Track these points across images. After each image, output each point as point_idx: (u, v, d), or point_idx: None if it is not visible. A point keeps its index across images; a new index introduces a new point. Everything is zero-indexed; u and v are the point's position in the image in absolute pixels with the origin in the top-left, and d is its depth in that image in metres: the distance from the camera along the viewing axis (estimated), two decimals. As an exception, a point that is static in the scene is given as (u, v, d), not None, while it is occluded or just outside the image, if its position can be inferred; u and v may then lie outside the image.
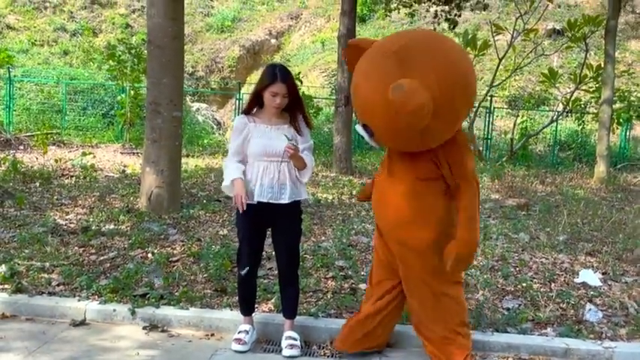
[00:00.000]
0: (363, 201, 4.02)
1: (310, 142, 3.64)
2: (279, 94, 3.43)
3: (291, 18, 30.80)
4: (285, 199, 3.49)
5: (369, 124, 3.13)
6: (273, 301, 4.24)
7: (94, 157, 10.66)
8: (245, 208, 3.40)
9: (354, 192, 8.72)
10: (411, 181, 3.24)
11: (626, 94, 14.89)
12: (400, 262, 3.40)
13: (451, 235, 3.21)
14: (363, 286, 4.47)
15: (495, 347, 3.83)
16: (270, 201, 3.47)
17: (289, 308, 3.73)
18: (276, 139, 3.46)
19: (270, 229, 3.69)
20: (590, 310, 4.41)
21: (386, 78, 2.88)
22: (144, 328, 3.98)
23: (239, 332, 3.73)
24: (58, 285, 4.45)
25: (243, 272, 3.66)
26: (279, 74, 3.44)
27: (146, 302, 4.14)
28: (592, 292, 4.81)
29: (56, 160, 9.70)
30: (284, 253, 3.65)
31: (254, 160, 3.51)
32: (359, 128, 3.20)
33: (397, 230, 3.33)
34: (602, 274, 5.28)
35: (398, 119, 2.83)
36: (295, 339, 3.67)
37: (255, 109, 3.57)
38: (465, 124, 14.83)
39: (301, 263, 5.04)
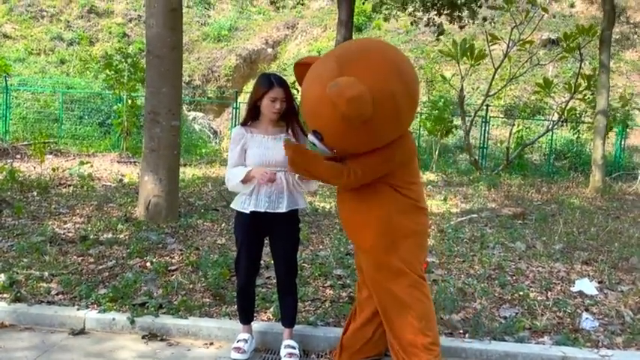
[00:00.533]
0: None
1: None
2: (278, 98, 3.46)
3: (288, 27, 30.91)
4: (282, 209, 3.49)
5: (317, 127, 3.14)
6: (272, 309, 4.26)
7: (91, 166, 10.67)
8: (275, 178, 3.41)
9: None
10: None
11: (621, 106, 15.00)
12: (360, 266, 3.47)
13: (396, 233, 3.24)
14: (361, 294, 4.49)
15: (493, 356, 3.85)
16: (268, 210, 3.49)
17: (288, 317, 3.74)
18: (273, 148, 3.49)
19: (268, 238, 3.71)
20: (586, 318, 4.44)
21: (327, 80, 2.94)
22: (143, 337, 3.99)
23: (238, 341, 3.74)
24: (57, 294, 4.46)
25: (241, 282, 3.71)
26: (275, 80, 3.49)
27: (145, 311, 4.16)
28: (588, 301, 4.84)
29: (53, 169, 9.71)
30: (282, 262, 3.66)
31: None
32: (310, 137, 3.21)
33: (348, 233, 3.47)
34: (599, 282, 5.31)
35: (339, 113, 2.87)
36: (294, 347, 3.68)
37: (250, 122, 3.58)
38: (460, 132, 14.93)
39: (299, 272, 5.06)
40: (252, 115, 3.56)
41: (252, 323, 3.86)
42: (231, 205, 3.64)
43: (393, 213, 3.25)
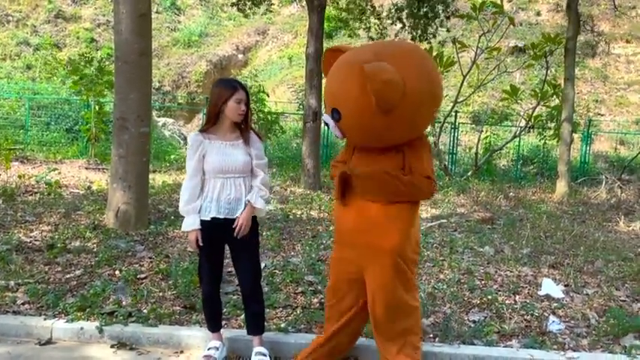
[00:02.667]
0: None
1: (265, 159, 3.65)
2: (243, 100, 3.47)
3: (258, 33, 30.94)
4: (238, 214, 3.49)
5: (339, 105, 3.18)
6: (242, 317, 4.24)
7: (59, 173, 10.51)
8: (196, 249, 3.54)
9: (322, 207, 8.77)
10: None
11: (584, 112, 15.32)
12: (364, 268, 3.39)
13: (412, 238, 3.31)
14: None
15: (462, 359, 3.90)
16: (227, 217, 3.48)
17: (255, 325, 3.71)
18: (231, 155, 3.48)
19: (228, 246, 3.66)
20: (553, 321, 4.52)
21: (362, 62, 3.01)
22: (112, 346, 3.94)
23: (208, 349, 3.72)
24: (23, 303, 4.38)
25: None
26: (237, 83, 3.52)
27: (114, 320, 4.11)
28: (555, 304, 4.93)
29: (20, 177, 9.54)
30: (243, 268, 3.63)
31: (210, 176, 3.50)
32: (325, 117, 3.26)
33: (360, 234, 3.35)
34: (565, 286, 5.41)
35: (369, 92, 2.93)
36: (265, 354, 3.67)
37: (209, 127, 3.54)
38: (431, 139, 15.08)
39: (270, 279, 5.08)
40: (214, 121, 3.52)
41: (222, 331, 3.85)
42: None
43: (414, 218, 3.37)
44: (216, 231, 3.52)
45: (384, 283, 3.31)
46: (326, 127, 3.28)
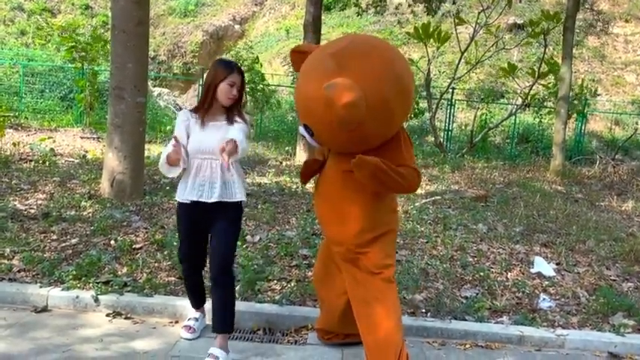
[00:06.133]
0: (306, 183, 3.88)
1: (243, 135, 3.35)
2: (236, 84, 3.41)
3: (256, 4, 30.58)
4: (214, 198, 3.37)
5: (308, 123, 3.14)
6: (238, 288, 4.28)
7: (54, 141, 10.45)
8: (175, 145, 3.27)
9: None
10: (341, 174, 3.24)
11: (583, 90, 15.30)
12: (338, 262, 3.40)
13: (378, 232, 3.24)
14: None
15: (454, 334, 3.96)
16: (200, 199, 3.39)
17: (216, 317, 3.45)
18: (209, 135, 3.38)
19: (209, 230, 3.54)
20: (543, 299, 4.60)
21: (323, 78, 2.91)
22: (107, 315, 3.98)
23: (188, 320, 3.78)
24: (19, 271, 4.40)
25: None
26: (235, 66, 3.45)
27: (110, 289, 4.14)
28: (546, 282, 4.99)
29: (14, 144, 9.49)
30: (213, 254, 3.45)
31: (190, 157, 3.42)
32: (301, 129, 3.20)
33: (330, 227, 3.36)
34: (556, 264, 5.48)
35: (332, 115, 2.86)
36: (217, 358, 3.36)
37: (203, 108, 3.44)
38: (426, 114, 15.06)
39: (265, 252, 5.11)
40: (210, 101, 3.42)
41: (205, 306, 3.87)
42: (175, 195, 3.56)
43: (381, 213, 3.26)
44: (194, 214, 3.45)
45: (350, 270, 3.31)
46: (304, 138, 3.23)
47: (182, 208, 3.50)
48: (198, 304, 3.83)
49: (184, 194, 3.43)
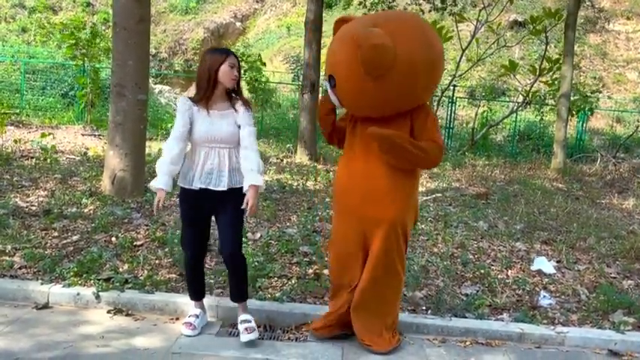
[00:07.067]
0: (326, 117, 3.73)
1: (252, 127, 3.54)
2: (235, 65, 3.46)
3: (257, 1, 30.56)
4: (222, 186, 3.45)
5: (335, 73, 3.26)
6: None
7: (54, 138, 10.46)
8: (156, 213, 3.41)
9: (318, 178, 8.79)
10: (378, 154, 3.29)
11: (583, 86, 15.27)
12: (367, 238, 3.46)
13: (412, 210, 3.44)
14: (327, 271, 4.54)
15: (454, 332, 3.97)
16: (209, 187, 3.45)
17: (236, 291, 3.70)
18: (217, 124, 3.45)
19: (214, 218, 3.64)
20: (544, 296, 4.60)
21: (359, 30, 3.07)
22: (108, 311, 3.99)
23: (189, 316, 3.78)
24: (20, 268, 4.41)
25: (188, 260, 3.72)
26: (228, 50, 3.54)
27: (110, 286, 4.15)
28: (546, 280, 5.00)
29: (15, 141, 9.49)
30: (223, 239, 3.56)
31: (196, 145, 3.48)
32: (324, 83, 3.35)
33: (367, 205, 3.39)
34: (557, 262, 5.48)
35: (361, 58, 2.97)
36: (249, 321, 3.65)
37: (205, 96, 3.49)
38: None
39: (266, 249, 5.12)
40: (212, 88, 3.46)
41: (204, 300, 3.89)
42: (178, 182, 3.61)
43: (415, 187, 3.47)
44: (199, 201, 3.50)
45: (387, 249, 3.40)
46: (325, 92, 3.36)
47: (184, 194, 3.54)
48: (198, 295, 3.83)
49: (192, 182, 3.48)
